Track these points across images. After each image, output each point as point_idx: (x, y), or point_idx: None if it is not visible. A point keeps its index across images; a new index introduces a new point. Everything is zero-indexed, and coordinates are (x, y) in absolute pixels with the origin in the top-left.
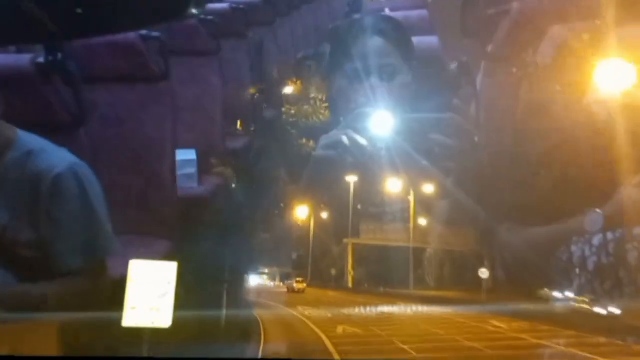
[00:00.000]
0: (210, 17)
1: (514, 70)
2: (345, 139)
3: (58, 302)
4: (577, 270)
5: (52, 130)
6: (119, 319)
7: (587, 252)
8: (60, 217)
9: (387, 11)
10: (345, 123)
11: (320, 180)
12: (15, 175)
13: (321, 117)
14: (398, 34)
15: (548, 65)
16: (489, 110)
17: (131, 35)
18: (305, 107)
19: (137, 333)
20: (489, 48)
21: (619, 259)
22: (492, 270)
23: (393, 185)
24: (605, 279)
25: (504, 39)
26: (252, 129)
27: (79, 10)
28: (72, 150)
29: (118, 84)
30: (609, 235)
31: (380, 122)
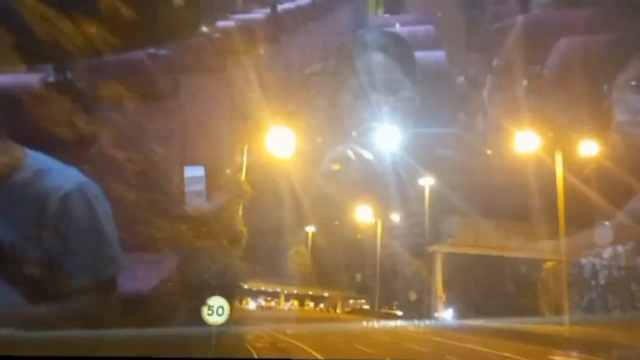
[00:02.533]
0: (216, 35)
1: (521, 83)
2: (351, 154)
3: (67, 321)
4: (592, 283)
5: (61, 148)
6: (129, 337)
7: (598, 266)
8: (68, 236)
9: (397, 26)
10: (351, 138)
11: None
12: (24, 194)
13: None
14: (399, 49)
15: (556, 78)
16: (497, 123)
17: (139, 53)
18: None
19: (148, 349)
20: (495, 62)
21: (630, 272)
22: None
23: None
24: (617, 292)
25: (509, 52)
26: None
27: (92, 30)
28: (81, 168)
29: (127, 101)
30: (619, 249)
31: (386, 137)
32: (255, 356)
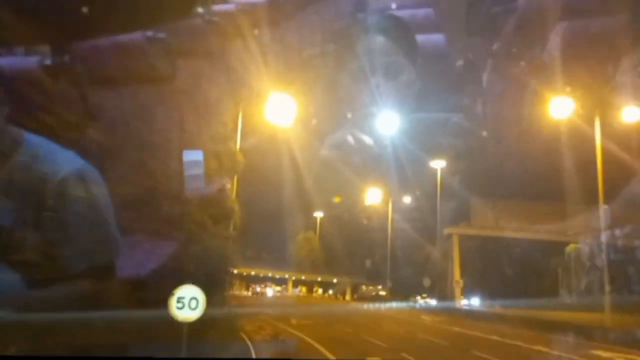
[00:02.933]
0: (215, 18)
1: (521, 66)
2: (350, 139)
3: (66, 304)
4: (587, 266)
5: (59, 131)
6: (129, 318)
7: (596, 249)
8: (66, 220)
9: (393, 6)
10: (351, 123)
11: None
12: (22, 178)
13: None
14: (401, 32)
15: (556, 62)
16: (496, 107)
17: (137, 37)
18: None
19: (146, 332)
20: (495, 46)
21: (627, 255)
22: None
23: None
24: (614, 276)
25: (510, 36)
26: None
27: (85, 10)
28: (79, 152)
29: (125, 85)
30: (617, 232)
31: (386, 122)
32: (254, 356)
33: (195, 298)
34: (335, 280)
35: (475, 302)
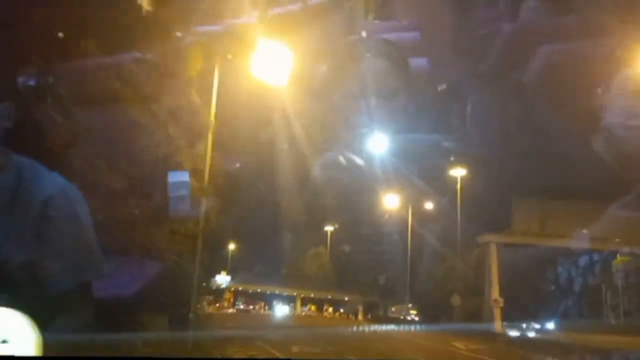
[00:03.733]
0: (203, 39)
1: (505, 88)
2: (342, 159)
3: (50, 324)
4: (564, 291)
5: (43, 152)
6: (109, 341)
7: (573, 273)
8: (50, 239)
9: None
10: (342, 143)
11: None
12: (7, 198)
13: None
14: (396, 57)
15: (537, 85)
16: (481, 128)
17: (124, 57)
18: None
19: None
20: (481, 67)
21: (605, 280)
22: None
23: None
24: (591, 300)
25: (494, 58)
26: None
27: (60, 35)
28: (63, 172)
29: (110, 105)
30: (595, 257)
31: (378, 142)
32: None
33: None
34: (346, 298)
35: (519, 325)
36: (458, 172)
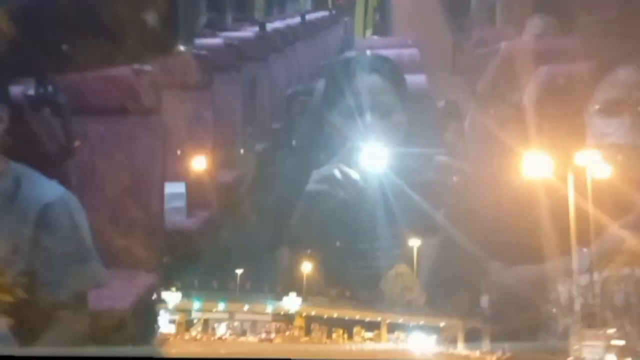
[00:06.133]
0: (203, 52)
1: (503, 108)
2: (337, 173)
3: (45, 335)
4: (564, 311)
5: (41, 161)
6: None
7: (574, 293)
8: (47, 247)
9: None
10: (337, 157)
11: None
12: (5, 205)
13: None
14: (394, 74)
15: (535, 106)
16: (478, 147)
17: (123, 68)
18: None
19: None
20: (479, 87)
21: (605, 300)
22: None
23: None
24: (591, 321)
25: (492, 78)
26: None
27: (65, 47)
28: (61, 182)
29: (109, 116)
30: (596, 276)
31: (373, 157)
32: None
33: None
34: (442, 325)
35: None
36: None
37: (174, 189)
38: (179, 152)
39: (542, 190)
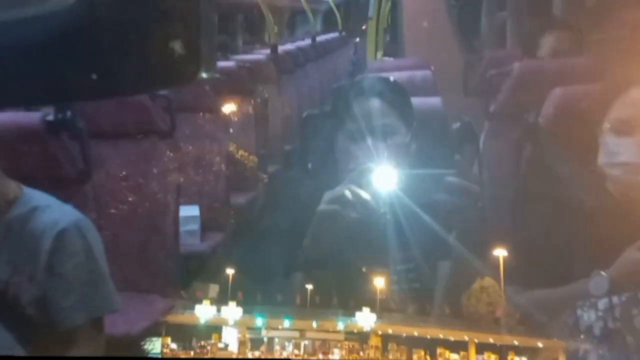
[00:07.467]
0: (216, 75)
1: (517, 130)
2: (348, 194)
3: None
4: (583, 336)
5: (57, 185)
6: None
7: (593, 317)
8: (63, 273)
9: (391, 75)
10: (348, 179)
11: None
12: (19, 231)
13: None
14: (395, 96)
15: (550, 127)
16: (492, 169)
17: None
18: None
19: None
20: (492, 108)
21: (625, 324)
22: None
23: None
24: (612, 345)
25: (505, 99)
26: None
27: (94, 76)
28: (77, 206)
29: (124, 139)
30: (615, 300)
31: (383, 178)
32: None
33: None
34: (540, 345)
35: None
36: None
37: (188, 212)
38: (193, 175)
39: (560, 211)
